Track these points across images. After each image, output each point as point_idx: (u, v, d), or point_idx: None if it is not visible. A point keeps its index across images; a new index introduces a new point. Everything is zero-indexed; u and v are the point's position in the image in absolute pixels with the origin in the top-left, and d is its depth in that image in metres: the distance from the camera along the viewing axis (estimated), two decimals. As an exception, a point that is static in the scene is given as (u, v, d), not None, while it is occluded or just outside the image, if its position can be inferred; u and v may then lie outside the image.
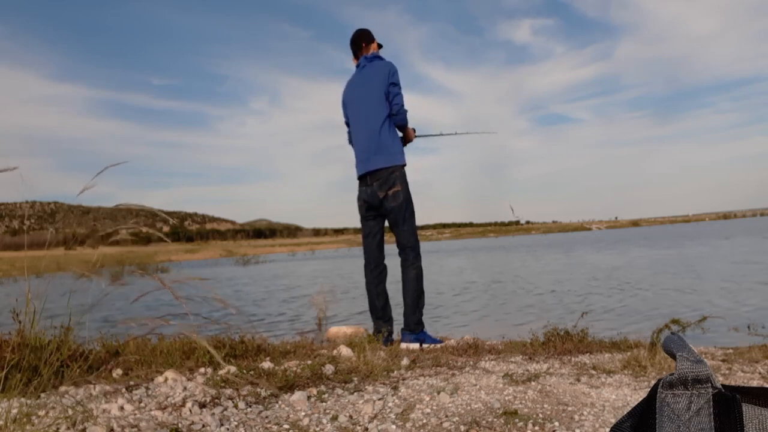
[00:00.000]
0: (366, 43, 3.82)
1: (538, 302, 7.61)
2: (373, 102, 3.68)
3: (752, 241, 20.07)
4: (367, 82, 3.71)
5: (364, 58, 3.79)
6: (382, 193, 3.64)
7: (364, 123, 3.71)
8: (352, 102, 3.81)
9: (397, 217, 3.68)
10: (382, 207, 3.69)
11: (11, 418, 1.49)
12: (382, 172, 3.64)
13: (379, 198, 3.65)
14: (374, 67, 3.72)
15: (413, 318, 3.64)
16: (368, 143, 3.67)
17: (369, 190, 3.68)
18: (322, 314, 6.17)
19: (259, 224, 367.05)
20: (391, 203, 3.65)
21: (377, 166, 3.64)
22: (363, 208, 3.77)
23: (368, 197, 3.70)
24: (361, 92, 3.74)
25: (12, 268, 14.27)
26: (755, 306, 6.03)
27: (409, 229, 3.71)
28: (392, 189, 3.63)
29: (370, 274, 3.78)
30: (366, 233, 3.80)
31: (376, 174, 3.66)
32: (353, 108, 3.80)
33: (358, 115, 3.76)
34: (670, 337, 0.50)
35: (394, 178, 3.64)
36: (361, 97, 3.74)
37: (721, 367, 2.65)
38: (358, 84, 3.78)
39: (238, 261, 37.46)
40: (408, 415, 1.92)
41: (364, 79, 3.75)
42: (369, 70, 3.74)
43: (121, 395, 2.11)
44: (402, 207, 3.66)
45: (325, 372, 2.45)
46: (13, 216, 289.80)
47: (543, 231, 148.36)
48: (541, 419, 1.85)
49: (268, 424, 1.84)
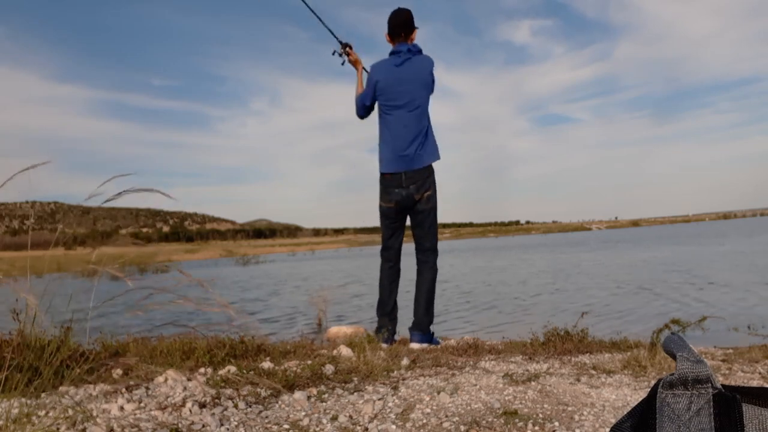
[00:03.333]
0: (412, 29, 3.74)
1: (538, 302, 7.61)
2: (422, 98, 3.63)
3: (751, 242, 20.07)
4: (415, 78, 3.63)
5: (409, 49, 3.67)
6: (418, 196, 3.61)
7: (407, 119, 3.62)
8: (392, 91, 3.66)
9: (426, 219, 3.66)
10: (413, 209, 3.66)
11: (11, 418, 1.49)
12: (420, 172, 3.60)
13: (415, 200, 3.62)
14: (422, 62, 3.67)
15: (426, 319, 3.64)
16: (413, 141, 3.60)
17: (405, 192, 3.61)
18: (322, 314, 6.18)
19: (259, 224, 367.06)
20: (424, 206, 3.63)
21: (423, 164, 3.60)
22: (393, 209, 3.69)
23: (403, 199, 3.63)
24: (408, 86, 3.63)
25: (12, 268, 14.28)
26: (755, 306, 6.03)
27: (434, 232, 3.71)
28: (427, 192, 3.61)
29: (387, 272, 3.77)
30: (390, 234, 3.76)
31: (413, 175, 3.60)
32: (393, 97, 3.65)
33: (400, 108, 3.64)
34: (670, 337, 0.50)
35: (430, 181, 3.62)
36: (406, 91, 3.63)
37: (721, 367, 2.65)
38: (403, 74, 3.64)
39: (238, 261, 37.49)
40: (408, 415, 1.92)
41: (412, 70, 3.64)
42: (416, 64, 3.65)
43: (121, 395, 2.11)
44: (432, 210, 3.66)
45: (325, 372, 2.45)
46: (13, 216, 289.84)
47: (543, 231, 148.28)
48: (541, 419, 1.85)
49: (268, 424, 1.84)
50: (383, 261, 3.80)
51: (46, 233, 1.92)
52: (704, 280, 8.81)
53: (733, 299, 6.60)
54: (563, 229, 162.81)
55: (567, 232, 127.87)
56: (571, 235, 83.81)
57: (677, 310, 5.97)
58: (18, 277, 1.90)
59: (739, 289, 7.40)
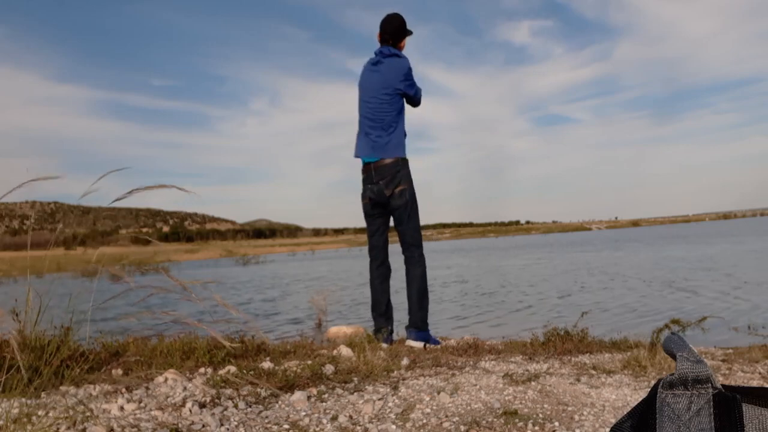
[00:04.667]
0: (401, 37, 3.80)
1: (538, 302, 7.60)
2: (385, 96, 3.68)
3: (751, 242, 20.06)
4: (383, 77, 3.71)
5: (382, 52, 3.76)
6: (388, 191, 3.64)
7: (371, 114, 3.72)
8: (363, 89, 3.81)
9: (402, 215, 3.68)
10: (388, 205, 3.69)
11: (12, 418, 1.49)
12: (388, 168, 3.64)
13: (386, 196, 3.65)
14: (390, 64, 3.72)
15: (419, 315, 3.64)
16: (376, 131, 3.68)
17: (375, 188, 3.67)
18: (322, 314, 6.17)
19: (259, 224, 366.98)
20: (397, 201, 3.65)
21: (386, 155, 3.65)
22: (369, 205, 3.75)
23: (374, 195, 3.69)
24: (376, 84, 3.73)
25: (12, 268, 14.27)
26: (755, 306, 6.03)
27: (414, 226, 3.71)
28: (398, 187, 3.64)
29: (376, 271, 3.78)
30: (372, 231, 3.79)
31: (381, 170, 3.65)
32: (364, 94, 3.79)
33: (367, 106, 3.76)
34: (671, 337, 0.50)
35: (400, 176, 3.64)
36: (373, 87, 3.74)
37: (721, 367, 2.65)
38: (374, 76, 3.76)
39: (238, 261, 37.49)
40: (408, 415, 1.92)
41: (380, 73, 3.74)
42: (385, 66, 3.73)
43: (121, 395, 2.11)
44: (407, 205, 3.67)
45: (325, 372, 2.45)
46: (13, 216, 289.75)
47: (543, 231, 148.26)
48: (541, 419, 1.85)
49: (268, 424, 1.84)
50: (371, 260, 3.82)
51: (46, 233, 1.92)
52: (744, 279, 8.69)
53: (733, 299, 6.59)
54: (563, 229, 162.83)
55: (567, 232, 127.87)
56: (572, 235, 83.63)
57: (677, 310, 5.95)
58: (18, 277, 1.90)
59: (739, 289, 7.39)
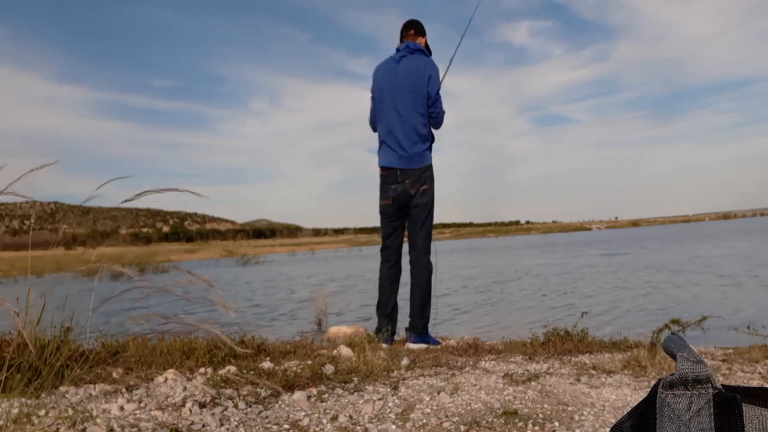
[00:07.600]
0: (416, 31, 3.76)
1: (538, 302, 7.60)
2: (416, 97, 3.62)
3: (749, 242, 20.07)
4: (410, 76, 3.63)
5: (407, 46, 3.69)
6: (413, 190, 3.62)
7: (401, 116, 3.63)
8: (387, 88, 3.69)
9: (420, 214, 3.67)
10: (409, 204, 3.67)
11: (12, 418, 1.49)
12: (417, 171, 3.63)
13: (410, 195, 3.63)
14: (419, 61, 3.66)
15: (421, 321, 3.64)
16: (408, 140, 3.61)
17: (400, 187, 3.64)
18: (322, 314, 6.17)
19: (259, 224, 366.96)
20: (418, 200, 3.64)
21: (418, 165, 3.62)
22: (390, 206, 3.71)
23: (399, 195, 3.65)
24: (403, 82, 3.64)
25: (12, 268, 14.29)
26: (755, 306, 6.03)
27: (427, 230, 3.71)
28: (423, 186, 3.63)
29: (387, 272, 3.77)
30: (388, 232, 3.77)
31: (409, 173, 3.62)
32: (388, 95, 3.68)
33: (394, 106, 3.65)
34: (671, 337, 0.50)
35: (426, 176, 3.64)
36: (401, 87, 3.64)
37: (721, 367, 2.65)
38: (400, 72, 3.66)
39: (238, 261, 37.44)
40: (408, 415, 1.92)
41: (407, 69, 3.64)
42: (413, 63, 3.65)
43: (121, 395, 2.11)
44: (427, 205, 3.66)
45: (325, 372, 2.44)
46: (13, 216, 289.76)
47: (543, 231, 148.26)
48: (541, 419, 1.85)
49: (268, 424, 1.84)
50: (383, 261, 3.80)
51: (46, 233, 1.92)
52: (703, 279, 8.75)
53: (733, 299, 6.58)
54: (563, 229, 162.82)
55: (567, 232, 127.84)
56: (574, 234, 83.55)
57: (677, 309, 5.94)
58: (18, 277, 1.90)
59: (739, 289, 7.38)
